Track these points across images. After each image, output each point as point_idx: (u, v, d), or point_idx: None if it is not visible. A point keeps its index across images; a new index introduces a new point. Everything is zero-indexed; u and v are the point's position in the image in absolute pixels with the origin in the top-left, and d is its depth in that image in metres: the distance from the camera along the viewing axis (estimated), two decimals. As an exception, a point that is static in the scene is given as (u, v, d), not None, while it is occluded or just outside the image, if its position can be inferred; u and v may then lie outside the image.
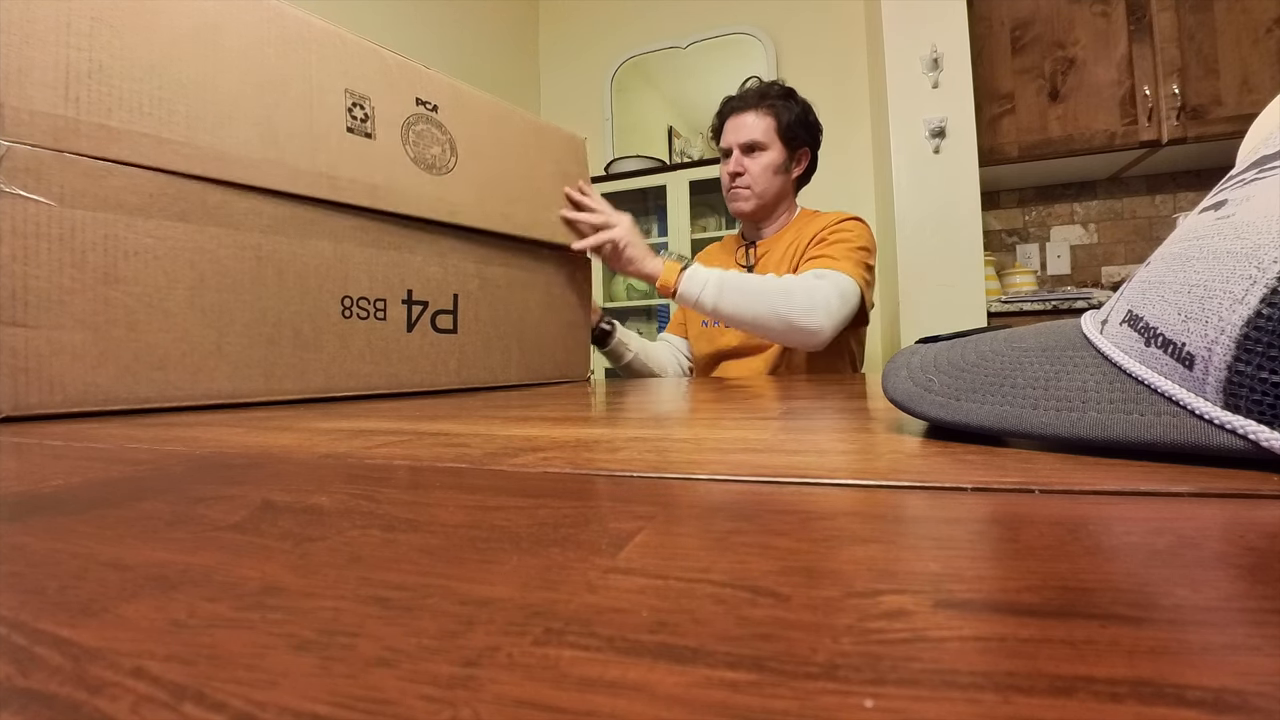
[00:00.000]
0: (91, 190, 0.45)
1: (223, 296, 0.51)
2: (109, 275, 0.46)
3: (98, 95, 0.45)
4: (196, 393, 0.50)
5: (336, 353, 0.58)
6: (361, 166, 0.59)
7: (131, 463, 0.24)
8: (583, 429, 0.31)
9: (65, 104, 0.44)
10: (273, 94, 0.54)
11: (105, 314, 0.45)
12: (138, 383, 0.47)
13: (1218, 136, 1.76)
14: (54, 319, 0.43)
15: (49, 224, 0.44)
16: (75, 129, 0.44)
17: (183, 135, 0.49)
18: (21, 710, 0.07)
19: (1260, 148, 0.20)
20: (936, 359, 0.26)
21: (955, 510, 0.14)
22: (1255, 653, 0.07)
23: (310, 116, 0.56)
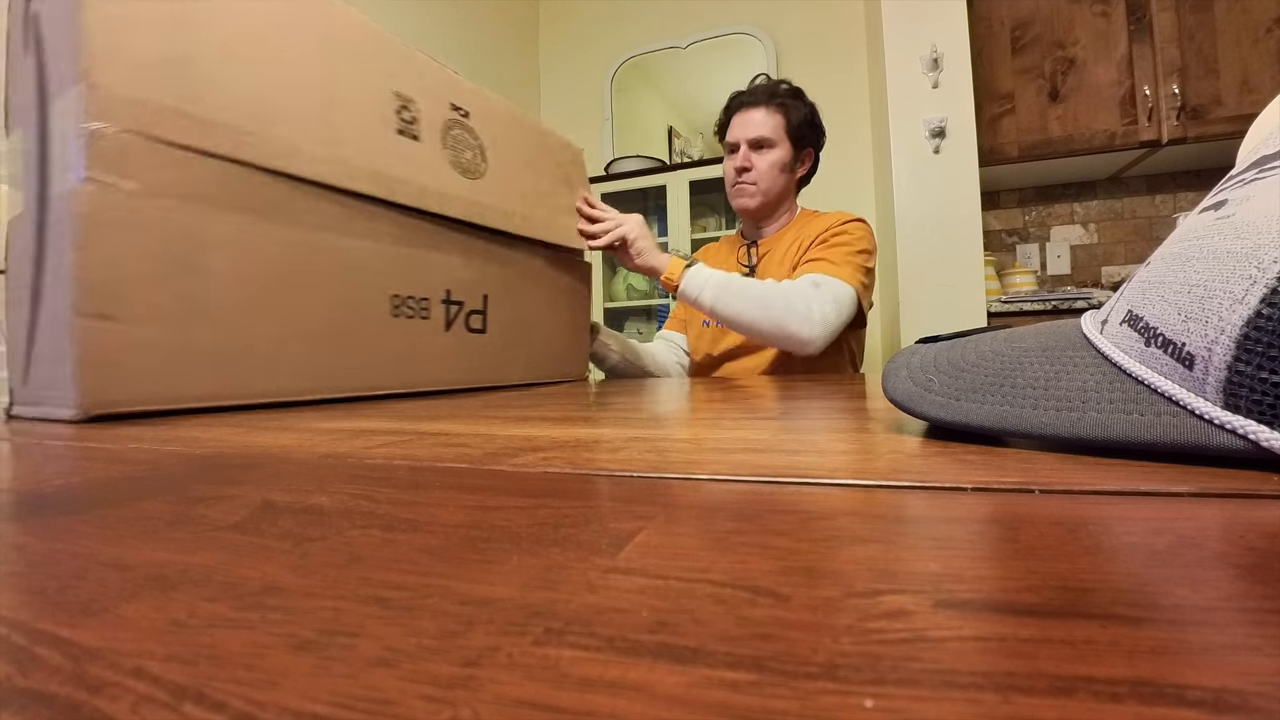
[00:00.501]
0: (174, 179, 0.44)
1: (285, 293, 0.51)
2: (187, 268, 0.45)
3: (181, 82, 0.44)
4: (257, 391, 0.49)
5: (384, 351, 0.58)
6: (409, 167, 0.60)
7: (131, 463, 0.24)
8: (583, 429, 0.31)
9: (151, 88, 0.43)
10: (333, 92, 0.54)
11: (182, 308, 0.44)
12: (210, 381, 0.46)
13: (1218, 136, 1.76)
14: (136, 312, 0.42)
15: (134, 212, 0.42)
16: (160, 115, 0.43)
17: (254, 126, 0.48)
18: (21, 710, 0.07)
19: (1260, 148, 0.20)
20: (936, 359, 0.26)
21: (955, 510, 0.14)
22: (1255, 653, 0.07)
23: (366, 116, 0.57)
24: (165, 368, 0.43)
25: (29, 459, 0.27)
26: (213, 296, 0.46)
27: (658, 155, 2.47)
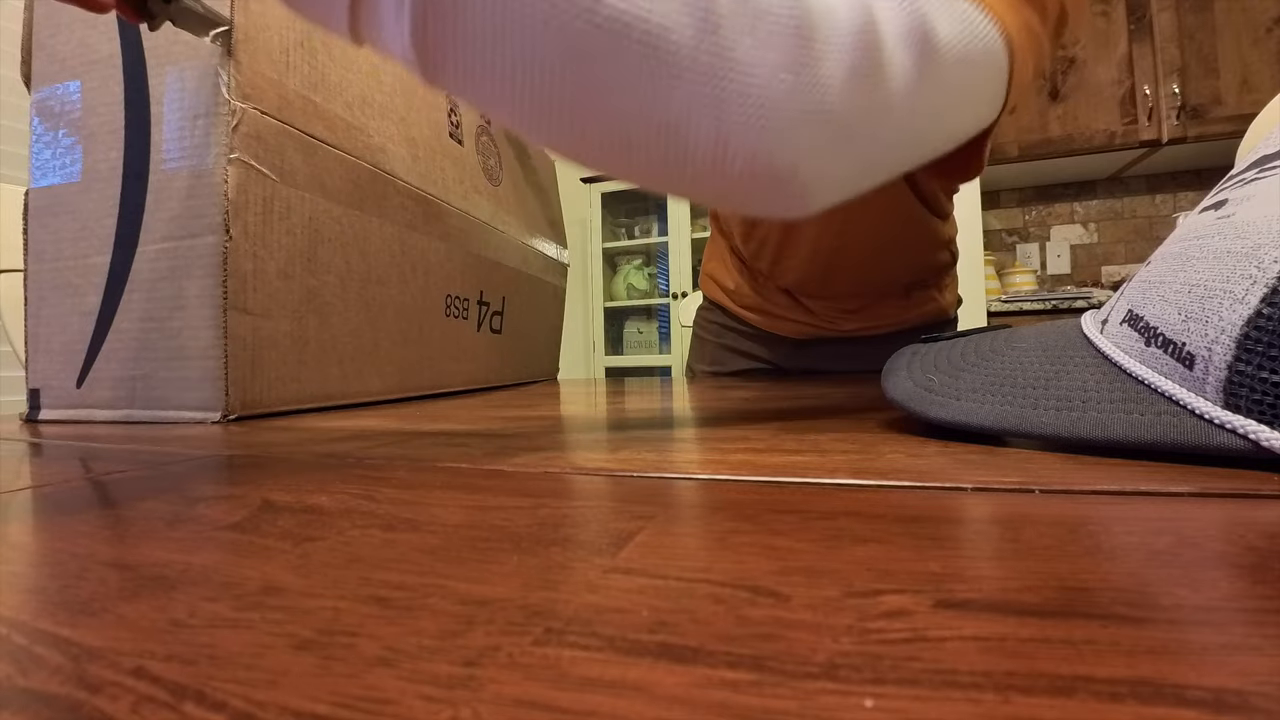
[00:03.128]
0: (301, 167, 0.42)
1: (379, 290, 0.49)
2: (309, 261, 0.42)
3: (307, 67, 0.43)
4: (354, 391, 0.47)
5: (438, 350, 0.58)
6: (457, 170, 0.60)
7: (131, 463, 0.24)
8: (582, 429, 0.31)
9: (286, 71, 0.41)
10: (408, 91, 0.54)
11: (307, 303, 0.42)
12: (322, 381, 0.44)
13: (1218, 136, 1.76)
14: (270, 306, 0.40)
15: (273, 200, 0.40)
16: (292, 99, 0.41)
17: (360, 121, 0.47)
18: (21, 710, 0.07)
19: (1260, 147, 0.20)
20: (936, 359, 0.26)
21: (955, 510, 0.14)
22: (1255, 653, 0.07)
23: (429, 117, 0.56)
24: (293, 367, 0.41)
25: (29, 458, 0.27)
26: (327, 292, 0.44)
27: (658, 155, 2.47)
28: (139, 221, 0.39)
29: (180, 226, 0.38)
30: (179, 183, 0.38)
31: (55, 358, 0.41)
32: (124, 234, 0.40)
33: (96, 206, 0.40)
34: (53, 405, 0.42)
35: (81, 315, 0.40)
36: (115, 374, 0.40)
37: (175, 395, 0.38)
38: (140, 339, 0.39)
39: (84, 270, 0.41)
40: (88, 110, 0.41)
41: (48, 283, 0.42)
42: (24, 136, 1.13)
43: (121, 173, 0.40)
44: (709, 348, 0.82)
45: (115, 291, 0.40)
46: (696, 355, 0.84)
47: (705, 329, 0.83)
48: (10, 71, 1.12)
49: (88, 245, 0.40)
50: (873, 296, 0.70)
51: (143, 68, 0.40)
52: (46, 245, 0.42)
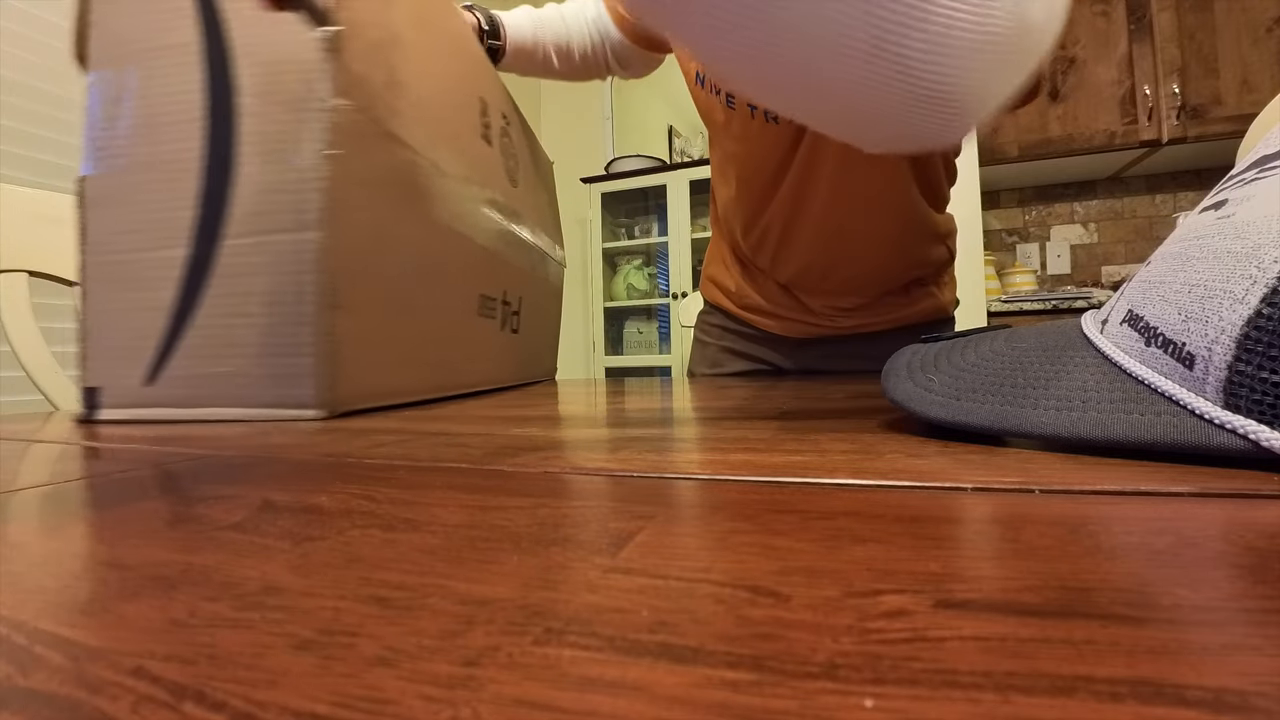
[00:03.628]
0: (381, 163, 0.41)
1: (431, 290, 0.48)
2: (382, 259, 0.42)
3: (387, 65, 0.42)
4: (409, 389, 0.46)
5: (472, 350, 0.58)
6: (487, 169, 0.60)
7: (132, 463, 0.24)
8: (583, 429, 0.31)
9: (372, 66, 0.41)
10: (454, 89, 0.54)
11: (380, 301, 0.42)
12: (390, 378, 0.43)
13: (1218, 136, 1.76)
14: (354, 302, 0.39)
15: (359, 194, 0.39)
16: (375, 98, 0.41)
17: (421, 121, 0.47)
18: (21, 710, 0.07)
19: (1260, 147, 0.20)
20: (936, 359, 0.26)
21: (955, 510, 0.14)
22: (1255, 653, 0.07)
23: (467, 116, 0.56)
24: (369, 365, 0.41)
25: (29, 458, 0.27)
26: (393, 290, 0.43)
27: (658, 155, 2.47)
28: (223, 214, 0.38)
29: (273, 221, 0.37)
30: (270, 177, 0.37)
31: (118, 354, 0.39)
32: (205, 227, 0.38)
33: (171, 198, 0.38)
34: (116, 404, 0.39)
35: (152, 310, 0.38)
36: (194, 371, 0.38)
37: (268, 393, 0.37)
38: (224, 335, 0.38)
39: (155, 263, 0.38)
40: (157, 96, 0.39)
41: (110, 275, 0.39)
42: (24, 137, 1.13)
43: (202, 164, 0.38)
44: (710, 350, 0.82)
45: (195, 285, 0.38)
46: (698, 359, 0.84)
47: (706, 332, 0.83)
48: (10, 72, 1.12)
49: (159, 237, 0.38)
50: (873, 293, 0.70)
51: (226, 57, 0.38)
52: (107, 236, 0.39)
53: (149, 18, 0.39)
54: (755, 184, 0.65)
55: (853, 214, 0.63)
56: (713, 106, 0.64)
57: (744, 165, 0.65)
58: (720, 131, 0.66)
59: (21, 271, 0.66)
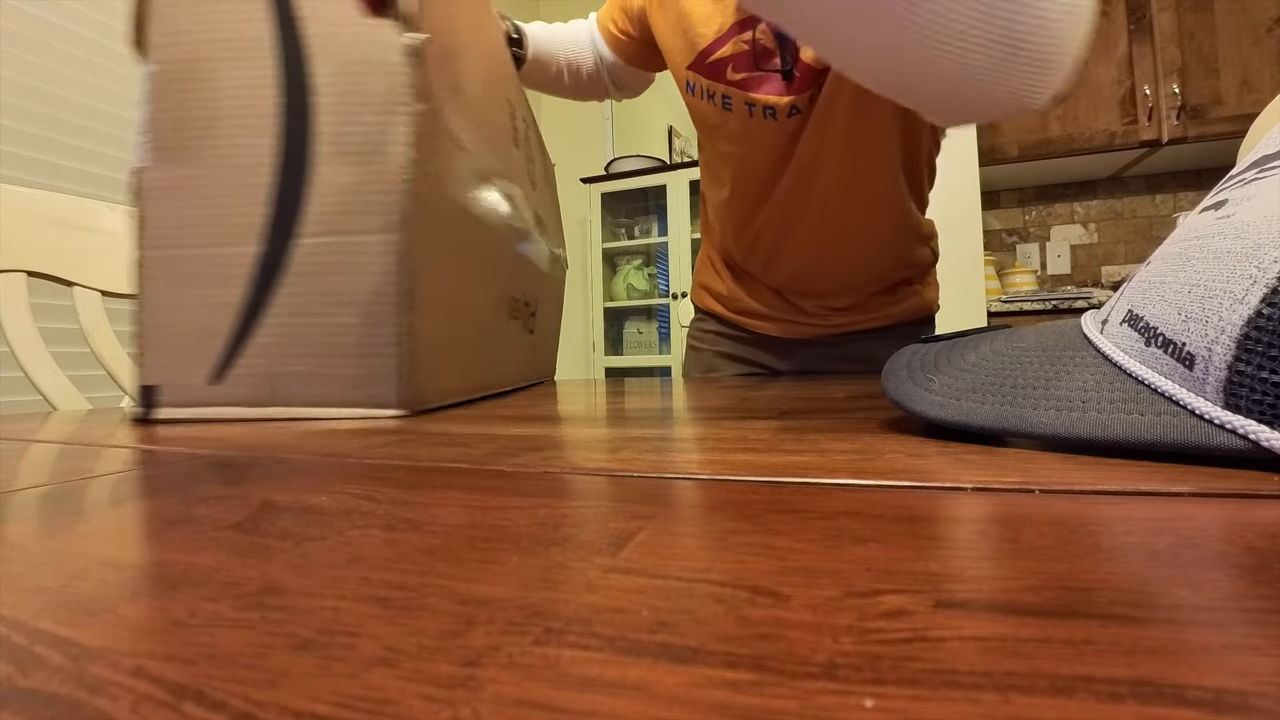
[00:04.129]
0: (447, 168, 0.42)
1: (478, 291, 0.49)
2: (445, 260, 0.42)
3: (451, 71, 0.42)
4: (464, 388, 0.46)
5: (505, 350, 0.58)
6: (517, 171, 0.60)
7: (132, 463, 0.24)
8: (583, 429, 0.31)
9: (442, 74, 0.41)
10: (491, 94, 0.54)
11: (447, 299, 0.42)
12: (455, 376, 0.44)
13: (1218, 136, 1.76)
14: (427, 304, 0.39)
15: (432, 197, 0.39)
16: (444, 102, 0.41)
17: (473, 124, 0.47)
18: (21, 710, 0.07)
19: (1260, 147, 0.20)
20: (936, 359, 0.26)
21: (955, 510, 0.14)
22: (1255, 653, 0.07)
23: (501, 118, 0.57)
24: (439, 364, 0.41)
25: (29, 458, 0.27)
26: (456, 289, 0.44)
27: (658, 155, 2.47)
28: (298, 213, 0.38)
29: (353, 221, 0.37)
30: (349, 177, 0.37)
31: (180, 352, 0.38)
32: (279, 224, 0.38)
33: (239, 194, 0.38)
34: (177, 403, 0.38)
35: (219, 307, 0.38)
36: (264, 370, 0.38)
37: (346, 392, 0.37)
38: (297, 334, 0.38)
39: (223, 260, 0.38)
40: (226, 91, 0.38)
41: (172, 271, 0.38)
42: (24, 137, 1.13)
43: (276, 161, 0.38)
44: (704, 356, 0.82)
45: (267, 283, 0.38)
46: (692, 364, 0.85)
47: (699, 339, 0.83)
48: (10, 72, 1.12)
49: (227, 233, 0.38)
50: (863, 294, 0.72)
51: (302, 55, 0.38)
52: (167, 230, 0.38)
53: (218, 11, 0.39)
54: (751, 185, 0.66)
55: (850, 215, 0.64)
56: (707, 111, 0.64)
57: (740, 167, 0.66)
58: (715, 134, 0.66)
59: (21, 272, 0.66)
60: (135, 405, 0.39)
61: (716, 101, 0.62)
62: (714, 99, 0.62)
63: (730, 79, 0.60)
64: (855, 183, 0.62)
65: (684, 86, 0.66)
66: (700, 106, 0.65)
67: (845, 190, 0.62)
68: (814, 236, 0.66)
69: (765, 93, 0.59)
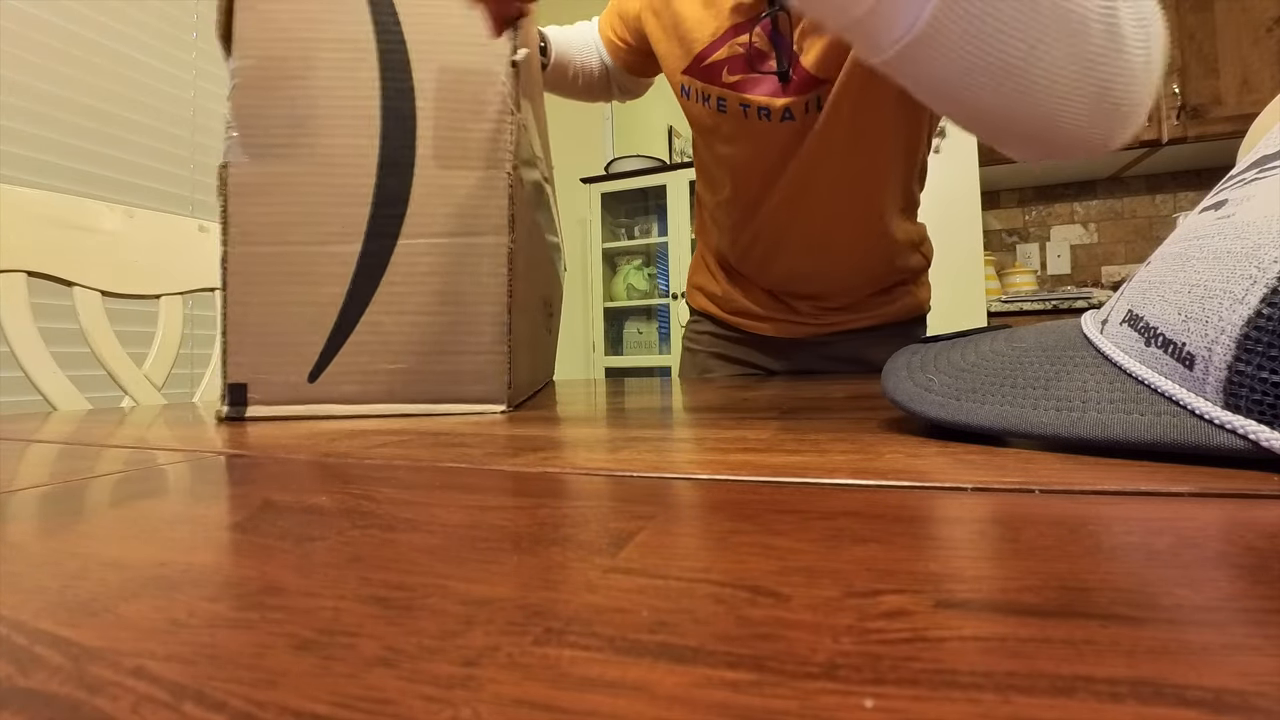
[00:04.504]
0: (529, 171, 0.43)
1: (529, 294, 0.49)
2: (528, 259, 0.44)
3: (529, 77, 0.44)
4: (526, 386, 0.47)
5: (541, 350, 0.59)
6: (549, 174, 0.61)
7: (132, 463, 0.24)
8: (583, 429, 0.31)
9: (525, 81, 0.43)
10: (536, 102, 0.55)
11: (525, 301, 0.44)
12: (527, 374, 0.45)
13: (1218, 136, 1.76)
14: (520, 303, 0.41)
15: (523, 205, 0.41)
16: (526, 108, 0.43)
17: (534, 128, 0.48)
18: (21, 710, 0.07)
19: (1260, 147, 0.20)
20: (936, 359, 0.26)
21: (955, 510, 0.14)
22: (1255, 653, 0.07)
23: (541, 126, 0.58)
24: (521, 361, 0.43)
25: (29, 458, 0.27)
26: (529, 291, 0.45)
27: (658, 155, 2.47)
28: (400, 213, 0.38)
29: (460, 224, 0.38)
30: (452, 180, 0.38)
31: (274, 350, 0.38)
32: (381, 224, 0.38)
33: (339, 193, 0.38)
34: (269, 401, 0.38)
35: (316, 305, 0.38)
36: (366, 367, 0.38)
37: (450, 389, 0.38)
38: (398, 332, 0.38)
39: (320, 258, 0.38)
40: (324, 90, 0.38)
41: (265, 268, 0.38)
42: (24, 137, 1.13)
43: (376, 161, 0.38)
44: (700, 358, 0.83)
45: (368, 282, 0.38)
46: (688, 366, 0.85)
47: (695, 341, 0.84)
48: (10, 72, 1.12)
49: (325, 231, 0.38)
50: (856, 295, 0.73)
51: (405, 59, 0.38)
52: (260, 228, 0.38)
53: (318, 10, 0.39)
54: (749, 187, 0.66)
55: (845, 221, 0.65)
56: (702, 114, 0.65)
57: (737, 169, 0.66)
58: (711, 137, 0.66)
59: (21, 272, 0.66)
60: (223, 404, 0.38)
61: (711, 104, 0.63)
62: (708, 102, 0.63)
63: (725, 81, 0.61)
64: (853, 190, 0.63)
65: (679, 91, 0.66)
66: (695, 110, 0.65)
67: (843, 197, 0.63)
68: (810, 241, 0.67)
69: (760, 94, 0.59)
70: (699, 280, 0.82)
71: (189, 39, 1.40)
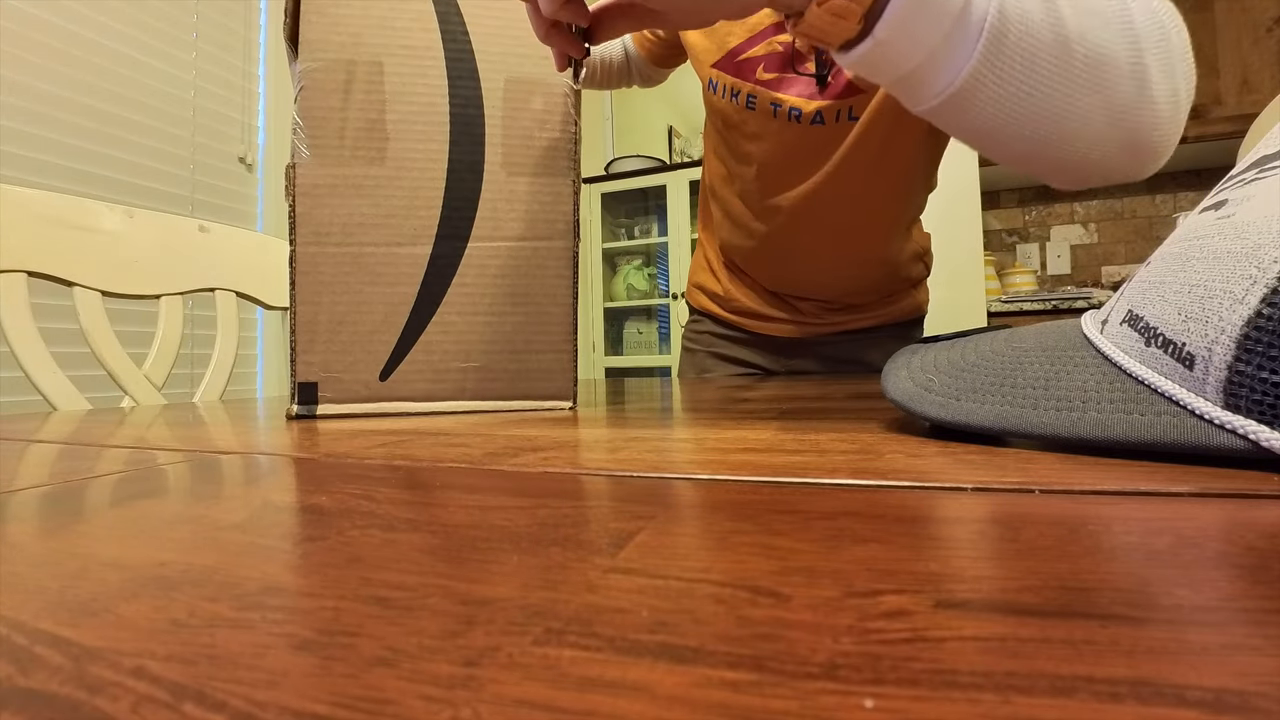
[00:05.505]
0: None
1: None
2: None
3: None
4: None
5: None
6: None
7: (132, 462, 0.24)
8: (582, 429, 0.31)
9: None
10: None
11: None
12: None
13: (1218, 136, 1.76)
14: None
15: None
16: None
17: None
18: (21, 710, 0.07)
19: (1260, 147, 0.20)
20: (936, 359, 0.26)
21: (955, 510, 0.14)
22: (1255, 653, 0.07)
23: None
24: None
25: (29, 458, 0.27)
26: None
27: (658, 155, 2.47)
28: (470, 216, 0.40)
29: (529, 228, 0.41)
30: (520, 186, 0.40)
31: (345, 347, 0.38)
32: (452, 226, 0.40)
33: (411, 195, 0.39)
34: (340, 399, 0.38)
35: (388, 304, 0.39)
36: (437, 365, 0.39)
37: (520, 386, 0.40)
38: (470, 332, 0.40)
39: (392, 258, 0.39)
40: (395, 95, 0.39)
41: (336, 268, 0.39)
42: (24, 137, 1.13)
43: (446, 166, 0.40)
44: (698, 357, 0.83)
45: (440, 282, 0.39)
46: (686, 365, 0.85)
47: (694, 340, 0.84)
48: (10, 71, 1.12)
49: (397, 232, 0.39)
50: (859, 298, 0.74)
51: (473, 68, 0.40)
52: (326, 227, 0.39)
53: (387, 15, 0.40)
54: (769, 183, 0.66)
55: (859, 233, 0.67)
56: (727, 109, 0.65)
57: (759, 165, 0.66)
58: (735, 133, 0.66)
59: (21, 272, 0.66)
60: (293, 403, 0.38)
61: (740, 101, 0.63)
62: (737, 97, 0.63)
63: (759, 78, 0.61)
64: (871, 203, 0.64)
65: (706, 84, 0.67)
66: (720, 104, 0.66)
67: (861, 209, 0.64)
68: (820, 245, 0.68)
69: (793, 94, 0.60)
70: (700, 279, 0.82)
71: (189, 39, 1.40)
